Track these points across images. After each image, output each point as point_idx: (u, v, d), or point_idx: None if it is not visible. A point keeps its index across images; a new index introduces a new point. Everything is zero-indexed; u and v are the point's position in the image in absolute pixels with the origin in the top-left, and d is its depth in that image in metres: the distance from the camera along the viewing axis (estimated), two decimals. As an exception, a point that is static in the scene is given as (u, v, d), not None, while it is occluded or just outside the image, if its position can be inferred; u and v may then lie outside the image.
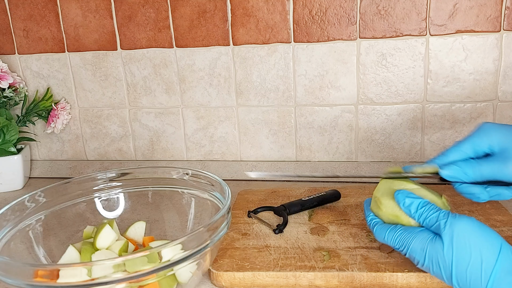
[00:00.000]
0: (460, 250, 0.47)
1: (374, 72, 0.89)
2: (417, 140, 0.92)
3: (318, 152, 0.96)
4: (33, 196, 0.64)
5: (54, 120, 0.99)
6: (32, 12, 0.98)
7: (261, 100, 0.95)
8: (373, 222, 0.58)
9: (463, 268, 0.47)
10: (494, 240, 0.47)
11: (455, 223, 0.49)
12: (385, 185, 0.59)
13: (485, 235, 0.48)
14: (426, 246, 0.50)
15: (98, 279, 0.46)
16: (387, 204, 0.57)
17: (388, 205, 0.57)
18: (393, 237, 0.54)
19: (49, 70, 1.02)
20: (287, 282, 0.59)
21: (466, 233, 0.48)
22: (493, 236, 0.48)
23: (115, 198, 0.71)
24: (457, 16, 0.84)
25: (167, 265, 0.49)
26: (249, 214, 0.74)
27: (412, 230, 0.53)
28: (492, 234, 0.48)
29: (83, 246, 0.62)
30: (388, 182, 0.59)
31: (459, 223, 0.48)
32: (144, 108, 1.00)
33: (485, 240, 0.47)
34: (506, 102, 0.87)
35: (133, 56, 0.97)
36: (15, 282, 0.48)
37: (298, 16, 0.89)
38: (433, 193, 0.57)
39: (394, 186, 0.58)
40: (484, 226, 0.49)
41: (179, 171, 0.70)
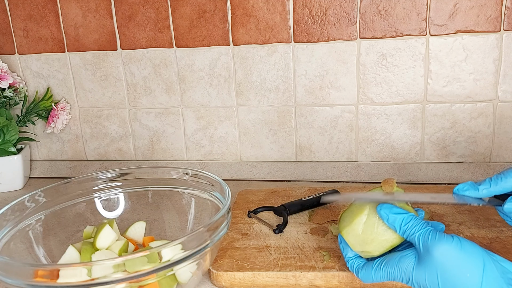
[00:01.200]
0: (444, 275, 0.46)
1: (374, 72, 0.89)
2: (417, 140, 0.92)
3: (318, 152, 0.96)
4: (33, 196, 0.64)
5: (54, 120, 0.99)
6: (32, 12, 0.98)
7: (261, 100, 0.95)
8: (355, 267, 0.55)
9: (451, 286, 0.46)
10: (476, 260, 0.46)
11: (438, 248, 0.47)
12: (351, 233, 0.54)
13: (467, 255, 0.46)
14: (411, 275, 0.49)
15: (98, 279, 0.46)
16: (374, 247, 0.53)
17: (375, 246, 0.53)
18: (380, 275, 0.52)
19: (49, 70, 1.02)
20: (287, 282, 0.59)
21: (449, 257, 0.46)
22: (475, 254, 0.46)
23: (115, 198, 0.71)
24: (457, 16, 0.84)
25: (167, 265, 0.49)
26: (249, 214, 0.74)
27: (392, 261, 0.51)
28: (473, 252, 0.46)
29: (83, 246, 0.62)
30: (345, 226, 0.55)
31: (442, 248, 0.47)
32: (144, 108, 1.00)
33: (467, 262, 0.46)
34: (506, 102, 0.87)
35: (133, 56, 0.97)
36: (15, 282, 0.48)
37: (298, 16, 0.89)
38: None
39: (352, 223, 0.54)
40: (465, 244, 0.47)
41: (179, 171, 0.70)
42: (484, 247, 0.61)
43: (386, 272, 0.51)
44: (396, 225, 0.51)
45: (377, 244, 0.53)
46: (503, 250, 0.60)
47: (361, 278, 0.54)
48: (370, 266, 0.53)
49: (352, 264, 0.55)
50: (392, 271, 0.51)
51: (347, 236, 0.54)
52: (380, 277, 0.52)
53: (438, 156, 0.92)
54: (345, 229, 0.54)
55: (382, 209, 0.52)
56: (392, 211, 0.52)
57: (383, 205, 0.52)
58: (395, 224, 0.51)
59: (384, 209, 0.52)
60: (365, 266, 0.54)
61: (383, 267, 0.52)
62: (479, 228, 0.66)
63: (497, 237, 0.64)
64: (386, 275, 0.51)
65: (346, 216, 0.55)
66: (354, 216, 0.54)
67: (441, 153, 0.92)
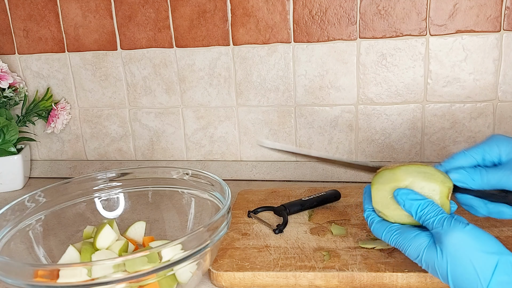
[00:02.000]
0: (454, 262, 0.47)
1: (374, 72, 0.89)
2: (417, 140, 0.92)
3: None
4: (33, 196, 0.64)
5: (54, 120, 0.99)
6: (32, 12, 0.98)
7: (261, 100, 0.95)
8: (371, 219, 0.57)
9: (459, 277, 0.46)
10: (490, 253, 0.46)
11: (450, 234, 0.47)
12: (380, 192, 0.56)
13: (481, 246, 0.46)
14: (421, 253, 0.50)
15: (98, 279, 0.46)
16: (392, 215, 0.55)
17: (393, 214, 0.55)
18: (390, 238, 0.54)
19: (49, 70, 1.02)
20: (287, 282, 0.59)
21: (460, 246, 0.47)
22: (491, 247, 0.46)
23: (115, 198, 0.71)
24: (457, 16, 0.84)
25: (167, 265, 0.49)
26: (249, 214, 0.74)
27: (408, 234, 0.52)
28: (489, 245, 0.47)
29: (83, 246, 0.62)
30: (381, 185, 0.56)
31: (454, 235, 0.47)
32: (144, 108, 1.00)
33: (480, 254, 0.46)
34: (506, 102, 0.87)
35: (133, 56, 0.97)
36: (15, 282, 0.48)
37: (298, 16, 0.89)
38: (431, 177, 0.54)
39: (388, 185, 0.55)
40: (481, 236, 0.47)
41: (179, 171, 0.70)
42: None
43: (396, 239, 0.53)
44: (412, 211, 0.52)
45: (397, 215, 0.54)
46: (503, 250, 0.60)
47: (373, 230, 0.56)
48: (385, 225, 0.55)
49: (368, 215, 0.57)
50: (403, 242, 0.52)
51: (375, 192, 0.56)
52: (389, 239, 0.54)
53: (438, 156, 0.92)
54: (377, 185, 0.56)
55: (399, 194, 0.54)
56: (409, 196, 0.53)
57: (401, 190, 0.54)
58: (412, 210, 0.52)
59: (401, 194, 0.53)
60: (381, 223, 0.56)
61: (396, 233, 0.53)
62: (479, 228, 0.66)
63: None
64: (395, 241, 0.53)
65: (386, 176, 0.56)
66: (394, 180, 0.55)
67: (441, 153, 0.92)
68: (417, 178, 0.54)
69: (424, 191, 0.54)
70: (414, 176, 0.54)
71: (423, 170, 0.55)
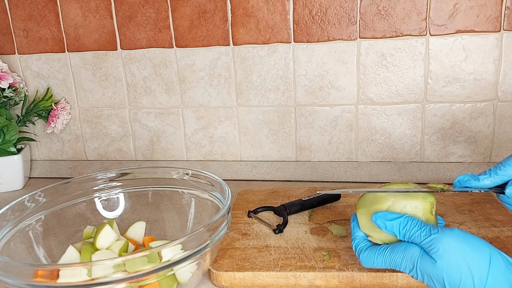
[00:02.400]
0: (448, 267, 0.46)
1: (374, 72, 0.89)
2: (417, 140, 0.92)
3: (318, 152, 0.96)
4: (33, 196, 0.64)
5: (54, 120, 0.99)
6: (32, 12, 0.98)
7: (261, 100, 0.95)
8: (358, 249, 0.55)
9: (455, 283, 0.46)
10: (482, 253, 0.46)
11: (439, 240, 0.47)
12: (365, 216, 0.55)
13: (472, 248, 0.46)
14: (416, 263, 0.49)
15: (98, 279, 0.46)
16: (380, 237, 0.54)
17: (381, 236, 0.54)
18: (382, 260, 0.52)
19: (49, 70, 1.02)
20: (287, 282, 0.59)
21: (451, 250, 0.46)
22: (481, 248, 0.46)
23: (115, 198, 0.71)
24: (457, 16, 0.84)
25: (167, 265, 0.49)
26: (249, 214, 0.74)
27: (398, 249, 0.51)
28: (479, 246, 0.46)
29: (83, 246, 0.62)
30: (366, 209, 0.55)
31: (443, 240, 0.47)
32: (144, 108, 1.00)
33: (473, 255, 0.46)
34: (506, 102, 0.87)
35: (133, 56, 0.97)
36: (15, 282, 0.48)
37: (298, 16, 0.89)
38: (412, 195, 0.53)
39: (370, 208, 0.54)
40: (470, 238, 0.47)
41: (179, 171, 0.70)
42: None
43: (389, 258, 0.51)
44: (395, 231, 0.51)
45: (385, 236, 0.53)
46: (503, 250, 0.60)
47: (362, 260, 0.54)
48: (374, 250, 0.53)
49: (356, 244, 0.55)
50: (396, 257, 0.51)
51: (360, 216, 0.55)
52: (382, 261, 0.52)
53: (438, 156, 0.92)
54: (361, 209, 0.55)
55: (377, 219, 0.52)
56: (388, 217, 0.51)
57: (378, 213, 0.52)
58: (394, 230, 0.51)
59: (380, 218, 0.52)
60: (369, 250, 0.54)
61: (387, 252, 0.52)
62: (479, 228, 0.66)
63: (497, 237, 0.64)
64: (388, 261, 0.51)
65: (368, 198, 0.55)
66: (376, 202, 0.54)
67: (441, 153, 0.92)
68: (398, 197, 0.53)
69: (407, 209, 0.53)
70: (395, 195, 0.54)
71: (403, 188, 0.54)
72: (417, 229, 0.49)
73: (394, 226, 0.51)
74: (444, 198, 0.76)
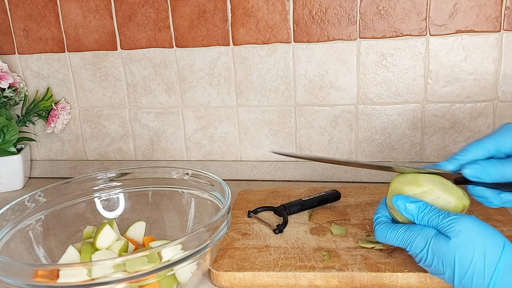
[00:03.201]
0: (463, 246, 0.47)
1: (374, 72, 0.89)
2: (417, 140, 0.92)
3: (318, 152, 0.96)
4: (33, 196, 0.64)
5: (54, 120, 0.99)
6: (32, 12, 0.98)
7: (261, 100, 0.95)
8: (377, 221, 0.56)
9: (466, 264, 0.46)
10: (497, 238, 0.47)
11: (458, 221, 0.49)
12: (397, 190, 0.56)
13: (488, 233, 0.48)
14: (429, 242, 0.50)
15: (98, 279, 0.46)
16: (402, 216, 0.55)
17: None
18: (395, 236, 0.53)
19: (49, 70, 1.02)
20: (287, 282, 0.59)
21: (469, 230, 0.48)
22: (496, 234, 0.48)
23: (115, 198, 0.71)
24: (457, 16, 0.84)
25: (167, 265, 0.49)
26: (249, 214, 0.74)
27: (415, 227, 0.52)
28: (495, 233, 0.48)
29: (83, 246, 0.62)
30: (400, 185, 0.56)
31: (462, 221, 0.48)
32: (144, 108, 1.00)
33: (488, 238, 0.47)
34: (506, 102, 0.87)
35: (133, 56, 0.97)
36: (15, 282, 0.48)
37: (298, 16, 0.89)
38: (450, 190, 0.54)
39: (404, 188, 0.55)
40: (488, 226, 0.49)
41: (179, 171, 0.70)
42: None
43: (402, 235, 0.52)
44: (413, 214, 0.52)
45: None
46: (503, 250, 0.60)
47: (376, 232, 0.56)
48: (390, 225, 0.54)
49: (376, 218, 0.57)
50: (410, 235, 0.52)
51: (393, 189, 0.56)
52: (394, 237, 0.53)
53: (438, 156, 0.92)
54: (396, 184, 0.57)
55: (398, 200, 0.53)
56: (408, 200, 0.53)
57: (399, 196, 0.54)
58: (413, 213, 0.52)
59: (400, 199, 0.53)
60: (385, 224, 0.55)
61: (401, 230, 0.53)
62: (479, 228, 0.66)
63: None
64: (401, 238, 0.52)
65: (408, 177, 0.56)
66: (414, 183, 0.55)
67: (441, 153, 0.92)
68: (436, 187, 0.54)
69: (439, 201, 0.53)
70: (434, 184, 0.54)
71: (445, 182, 0.55)
72: (435, 213, 0.51)
73: (413, 210, 0.52)
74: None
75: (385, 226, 0.55)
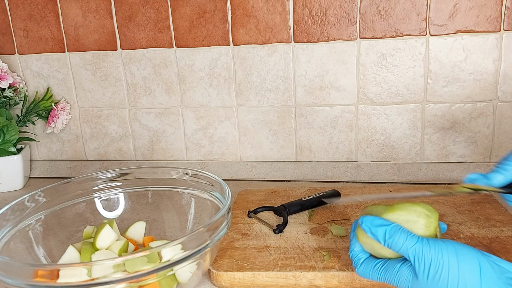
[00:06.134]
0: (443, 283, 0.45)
1: (374, 72, 0.89)
2: (417, 140, 0.92)
3: (318, 152, 0.96)
4: (33, 196, 0.64)
5: (54, 120, 0.99)
6: (32, 12, 0.98)
7: (261, 100, 0.95)
8: (355, 261, 0.54)
9: None
10: (471, 261, 0.45)
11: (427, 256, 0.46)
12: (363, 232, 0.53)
13: (461, 258, 0.45)
14: (410, 284, 0.48)
15: (98, 279, 0.46)
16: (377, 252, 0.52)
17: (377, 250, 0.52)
18: (377, 276, 0.51)
19: (49, 70, 1.02)
20: (287, 282, 0.59)
21: (441, 263, 0.45)
22: (469, 256, 0.45)
23: (115, 198, 0.71)
24: (457, 16, 0.84)
25: (167, 265, 0.49)
26: (249, 214, 0.74)
27: (392, 270, 0.50)
28: (467, 254, 0.45)
29: (83, 246, 0.62)
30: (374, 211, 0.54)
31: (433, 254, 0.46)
32: (144, 108, 1.00)
33: (463, 265, 0.45)
34: (506, 102, 0.87)
35: (133, 56, 0.97)
36: (15, 282, 0.48)
37: (298, 16, 0.89)
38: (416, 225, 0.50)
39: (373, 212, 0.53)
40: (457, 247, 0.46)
41: (179, 171, 0.70)
42: (484, 247, 0.61)
43: (383, 276, 0.51)
44: (379, 238, 0.50)
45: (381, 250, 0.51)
46: (503, 250, 0.60)
47: (358, 272, 0.53)
48: (370, 264, 0.52)
49: (353, 256, 0.54)
50: (390, 278, 0.50)
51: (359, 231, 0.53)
52: (377, 278, 0.51)
53: (438, 156, 0.92)
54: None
55: (363, 222, 0.51)
56: (374, 223, 0.50)
57: (365, 217, 0.51)
58: (378, 237, 0.50)
59: (366, 221, 0.51)
60: (365, 263, 0.53)
61: (381, 271, 0.51)
62: (479, 228, 0.66)
63: (497, 237, 0.64)
64: (383, 278, 0.51)
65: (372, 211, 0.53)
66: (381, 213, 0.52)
67: (441, 153, 0.92)
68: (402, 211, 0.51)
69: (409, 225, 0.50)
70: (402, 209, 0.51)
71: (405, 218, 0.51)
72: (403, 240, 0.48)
73: (378, 232, 0.50)
74: (444, 198, 0.76)
75: (365, 266, 0.52)
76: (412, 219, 0.50)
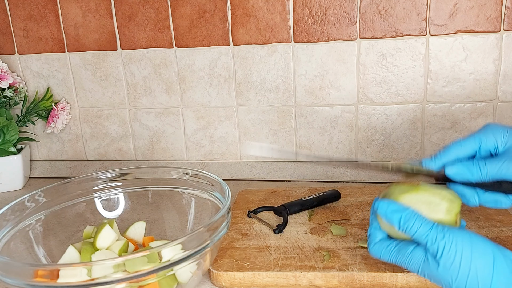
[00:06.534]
0: (454, 270, 0.45)
1: (374, 72, 0.89)
2: (417, 140, 0.92)
3: (318, 152, 0.96)
4: (33, 196, 0.64)
5: (54, 120, 0.99)
6: (32, 12, 0.98)
7: (261, 100, 0.95)
8: (372, 237, 0.54)
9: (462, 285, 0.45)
10: (486, 253, 0.45)
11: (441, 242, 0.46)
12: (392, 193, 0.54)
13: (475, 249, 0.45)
14: (420, 267, 0.48)
15: (98, 279, 0.46)
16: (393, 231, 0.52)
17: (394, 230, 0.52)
18: (389, 257, 0.52)
19: (49, 70, 1.02)
20: (287, 282, 0.59)
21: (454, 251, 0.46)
22: (484, 248, 0.46)
23: (115, 198, 0.71)
24: (457, 16, 0.84)
25: (167, 265, 0.49)
26: (249, 214, 0.74)
27: (405, 251, 0.50)
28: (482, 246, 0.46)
29: (83, 246, 0.62)
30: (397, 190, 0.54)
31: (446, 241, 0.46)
32: (144, 108, 1.00)
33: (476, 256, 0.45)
34: (506, 102, 0.87)
35: (133, 56, 0.97)
36: (15, 282, 0.48)
37: (298, 16, 0.89)
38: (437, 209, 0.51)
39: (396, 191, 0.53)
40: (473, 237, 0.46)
41: (179, 171, 0.70)
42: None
43: (395, 258, 0.51)
44: (394, 223, 0.50)
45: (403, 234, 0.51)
46: (503, 250, 0.60)
47: (370, 251, 0.54)
48: (383, 244, 0.52)
49: (371, 234, 0.54)
50: (402, 260, 0.50)
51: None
52: (388, 258, 0.52)
53: (438, 156, 0.92)
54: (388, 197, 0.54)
55: (379, 207, 0.51)
56: (390, 208, 0.51)
57: (381, 202, 0.51)
58: (393, 222, 0.50)
59: (382, 206, 0.51)
60: (380, 242, 0.53)
61: (394, 252, 0.51)
62: (479, 228, 0.66)
63: (497, 237, 0.64)
64: (394, 260, 0.51)
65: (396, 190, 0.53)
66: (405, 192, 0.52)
67: (441, 153, 0.92)
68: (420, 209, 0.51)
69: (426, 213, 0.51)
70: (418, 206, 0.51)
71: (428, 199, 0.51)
72: (419, 226, 0.48)
73: (394, 218, 0.50)
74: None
75: (379, 245, 0.53)
76: (435, 201, 0.51)
